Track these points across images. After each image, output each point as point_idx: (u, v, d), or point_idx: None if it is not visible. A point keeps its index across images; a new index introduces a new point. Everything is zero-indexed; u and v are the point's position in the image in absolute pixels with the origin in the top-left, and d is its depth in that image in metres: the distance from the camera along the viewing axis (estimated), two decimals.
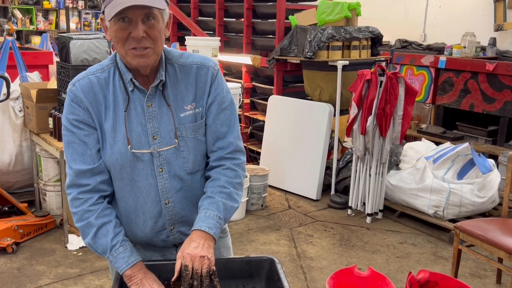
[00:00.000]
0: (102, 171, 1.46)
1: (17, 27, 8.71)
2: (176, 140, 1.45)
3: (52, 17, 9.48)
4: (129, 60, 1.38)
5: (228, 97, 1.53)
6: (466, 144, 4.06)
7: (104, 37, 3.50)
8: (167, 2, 1.39)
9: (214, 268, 1.34)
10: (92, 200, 1.44)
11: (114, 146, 1.43)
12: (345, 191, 4.56)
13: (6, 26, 4.39)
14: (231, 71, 6.01)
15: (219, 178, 1.49)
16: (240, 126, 4.84)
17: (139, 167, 1.45)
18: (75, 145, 1.44)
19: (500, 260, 3.03)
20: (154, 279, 1.41)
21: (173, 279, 1.33)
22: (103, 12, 1.37)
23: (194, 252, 1.34)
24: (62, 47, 3.52)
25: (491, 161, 4.15)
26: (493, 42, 5.71)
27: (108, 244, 1.42)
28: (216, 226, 1.42)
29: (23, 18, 9.04)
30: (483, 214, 4.04)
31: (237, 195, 1.51)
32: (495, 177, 4.03)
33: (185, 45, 4.62)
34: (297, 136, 4.72)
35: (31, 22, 9.18)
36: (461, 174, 4.07)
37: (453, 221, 3.86)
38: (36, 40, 8.85)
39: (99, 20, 1.41)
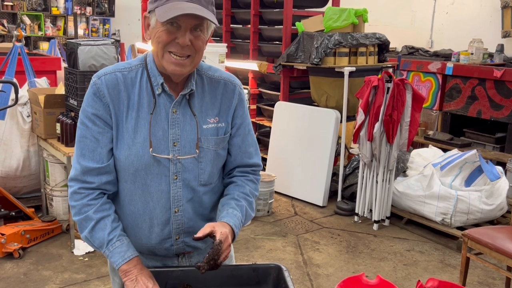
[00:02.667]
0: (109, 171, 1.44)
1: (25, 33, 8.79)
2: (197, 150, 1.45)
3: (60, 23, 9.56)
4: (165, 64, 1.38)
5: (249, 117, 1.59)
6: (474, 151, 4.03)
7: (113, 43, 3.53)
8: (214, 13, 1.40)
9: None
10: (92, 195, 1.43)
11: (132, 147, 1.42)
12: (351, 197, 4.54)
13: (15, 32, 4.42)
14: (238, 77, 6.02)
15: (244, 186, 1.54)
16: None
17: (154, 172, 1.44)
18: (87, 140, 1.42)
19: (509, 269, 3.00)
20: (149, 276, 1.40)
21: (196, 236, 1.36)
22: (150, 12, 1.36)
23: (229, 238, 1.39)
24: (70, 53, 3.55)
25: (499, 168, 4.12)
26: (500, 48, 5.69)
27: (105, 238, 1.41)
28: (238, 228, 1.46)
29: (31, 24, 9.12)
30: (491, 222, 4.01)
31: (254, 206, 1.59)
32: (503, 184, 4.00)
33: None
34: (303, 142, 4.71)
35: (40, 28, 9.26)
36: (468, 181, 4.04)
37: (460, 228, 3.83)
38: (44, 46, 8.92)
39: (146, 14, 1.40)
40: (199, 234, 1.36)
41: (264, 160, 5.24)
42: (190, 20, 1.33)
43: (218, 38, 5.98)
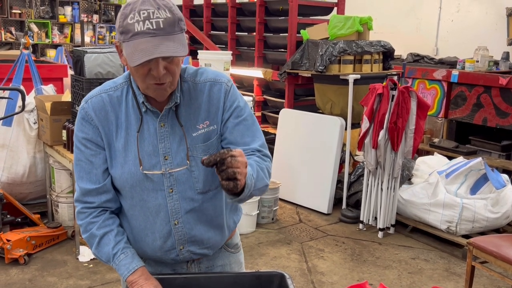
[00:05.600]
0: (107, 190, 1.47)
1: (33, 40, 8.87)
2: (188, 161, 1.44)
3: (67, 30, 9.65)
4: (148, 92, 1.38)
5: (246, 109, 1.50)
6: (479, 159, 4.02)
7: None
8: (183, 29, 1.34)
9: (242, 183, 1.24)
10: (94, 213, 1.48)
11: (125, 166, 1.44)
12: (356, 205, 4.53)
13: (23, 40, 4.46)
14: (243, 85, 6.05)
15: (251, 158, 1.41)
16: None
17: (149, 188, 1.45)
18: (82, 163, 1.47)
19: None
20: (155, 285, 1.41)
21: (204, 158, 1.22)
22: (118, 39, 1.33)
23: (243, 156, 1.24)
24: (77, 60, 3.58)
25: (505, 176, 4.10)
26: (506, 56, 5.67)
27: (110, 253, 1.45)
28: (249, 179, 1.28)
29: (39, 31, 9.21)
30: (497, 230, 3.98)
31: (269, 175, 1.44)
32: (509, 192, 3.97)
33: (198, 59, 4.67)
34: (308, 150, 4.71)
35: (47, 36, 9.34)
36: (474, 189, 4.02)
37: (466, 236, 3.80)
38: (51, 53, 9.00)
39: (116, 42, 1.38)
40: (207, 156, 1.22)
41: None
42: None
43: (224, 46, 6.01)
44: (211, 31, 6.27)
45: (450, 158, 4.69)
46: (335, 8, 5.60)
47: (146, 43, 1.26)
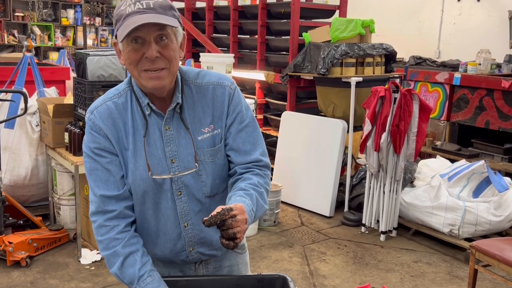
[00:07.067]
0: (127, 197, 1.45)
1: (35, 43, 8.89)
2: (196, 164, 1.43)
3: (70, 33, 9.67)
4: (143, 82, 1.36)
5: (248, 114, 1.50)
6: (482, 162, 4.01)
7: None
8: (180, 22, 1.37)
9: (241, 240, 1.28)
10: (119, 228, 1.42)
11: (136, 172, 1.43)
12: (358, 208, 4.52)
13: (25, 43, 4.48)
14: (245, 87, 6.05)
15: (251, 178, 1.43)
16: None
17: (160, 191, 1.45)
18: (98, 171, 1.43)
19: None
20: None
21: (205, 218, 1.25)
22: (116, 36, 1.34)
23: (244, 212, 1.27)
24: (79, 63, 3.59)
25: (508, 179, 4.09)
26: (508, 59, 5.67)
27: (136, 274, 1.38)
28: (250, 216, 1.32)
29: (41, 34, 9.24)
30: (500, 233, 3.97)
31: (266, 199, 1.46)
32: None
33: (200, 62, 4.67)
34: (310, 152, 4.71)
35: (50, 39, 9.37)
36: (476, 192, 4.01)
37: (468, 240, 3.80)
38: (54, 56, 9.02)
39: (114, 40, 1.38)
40: (209, 217, 1.23)
41: (270, 169, 5.24)
42: (151, 31, 1.30)
43: (226, 49, 6.02)
44: (213, 34, 6.28)
45: (452, 161, 4.68)
46: (337, 11, 5.61)
47: (135, 18, 1.28)
